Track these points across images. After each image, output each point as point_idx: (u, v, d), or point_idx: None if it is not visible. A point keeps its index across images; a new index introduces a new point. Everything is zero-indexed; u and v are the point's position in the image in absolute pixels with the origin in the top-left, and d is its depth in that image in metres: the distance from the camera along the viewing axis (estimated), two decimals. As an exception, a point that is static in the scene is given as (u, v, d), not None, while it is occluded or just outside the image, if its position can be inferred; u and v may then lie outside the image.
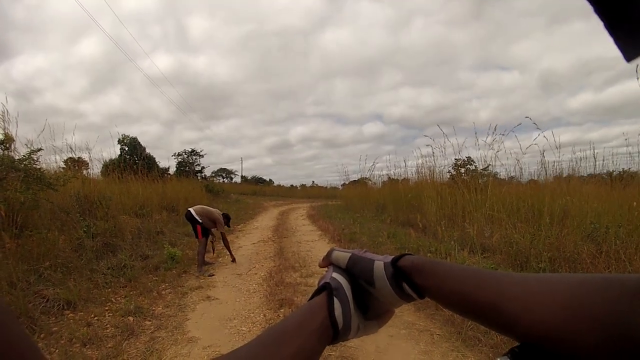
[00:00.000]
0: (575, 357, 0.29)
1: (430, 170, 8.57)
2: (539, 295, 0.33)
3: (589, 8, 0.21)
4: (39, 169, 5.11)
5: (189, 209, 5.34)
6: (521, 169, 6.74)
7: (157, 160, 17.67)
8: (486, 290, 0.37)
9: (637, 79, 3.86)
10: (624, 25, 0.21)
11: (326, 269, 0.51)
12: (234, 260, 5.52)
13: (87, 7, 30.36)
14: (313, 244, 7.03)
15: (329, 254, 0.51)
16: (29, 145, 5.12)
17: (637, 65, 3.78)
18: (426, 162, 8.69)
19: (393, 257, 0.46)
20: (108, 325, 3.17)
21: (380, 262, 0.46)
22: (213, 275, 4.83)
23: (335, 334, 0.42)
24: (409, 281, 0.43)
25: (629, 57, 0.22)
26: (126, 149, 16.85)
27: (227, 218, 5.72)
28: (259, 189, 32.45)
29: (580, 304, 0.30)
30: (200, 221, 5.17)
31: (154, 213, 7.86)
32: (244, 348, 0.39)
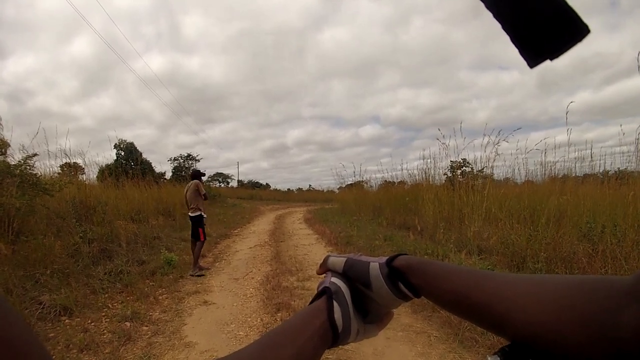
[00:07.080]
0: (564, 356, 0.30)
1: (427, 173, 8.61)
2: (530, 295, 0.34)
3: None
4: (35, 174, 5.09)
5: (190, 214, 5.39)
6: (518, 170, 6.77)
7: (152, 165, 17.62)
8: (479, 290, 0.38)
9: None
10: (527, 32, 0.22)
11: (324, 275, 0.52)
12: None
13: (78, 5, 30.16)
14: (310, 247, 7.01)
15: (325, 261, 0.52)
16: (23, 151, 5.11)
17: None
18: (423, 164, 8.70)
19: (388, 257, 0.47)
20: (105, 331, 3.14)
21: (375, 263, 0.46)
22: (202, 275, 4.95)
23: (335, 337, 0.42)
24: (405, 281, 0.43)
25: (532, 64, 0.23)
26: (122, 153, 16.74)
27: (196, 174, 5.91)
28: (255, 193, 32.32)
29: (570, 304, 0.30)
30: (203, 214, 5.29)
31: (150, 218, 7.82)
32: (245, 350, 0.39)
